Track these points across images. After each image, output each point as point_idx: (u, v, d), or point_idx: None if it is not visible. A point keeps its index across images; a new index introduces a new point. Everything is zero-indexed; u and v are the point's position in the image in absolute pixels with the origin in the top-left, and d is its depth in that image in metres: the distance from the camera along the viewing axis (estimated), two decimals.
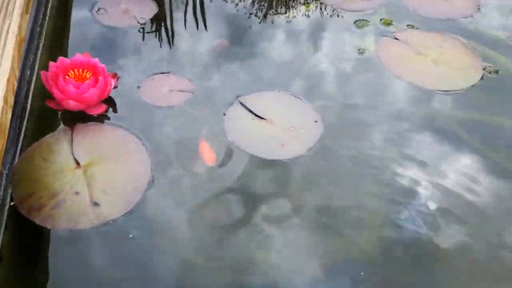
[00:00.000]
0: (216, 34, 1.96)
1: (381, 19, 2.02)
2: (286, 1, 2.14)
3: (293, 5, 2.11)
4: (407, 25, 2.00)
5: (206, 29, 1.98)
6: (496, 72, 1.80)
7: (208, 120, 1.62)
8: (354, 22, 2.01)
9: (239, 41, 1.94)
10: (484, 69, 1.81)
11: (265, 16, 2.06)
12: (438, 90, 1.74)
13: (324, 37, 1.95)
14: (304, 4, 2.11)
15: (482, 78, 1.78)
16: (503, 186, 1.49)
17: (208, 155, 1.49)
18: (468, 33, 1.96)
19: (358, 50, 1.89)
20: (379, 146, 1.58)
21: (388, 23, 2.00)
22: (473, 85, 1.75)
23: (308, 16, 2.05)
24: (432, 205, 1.43)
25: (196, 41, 1.93)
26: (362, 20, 2.01)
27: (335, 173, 1.51)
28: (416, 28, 1.98)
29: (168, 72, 1.76)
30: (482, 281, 1.30)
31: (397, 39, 1.93)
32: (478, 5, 2.09)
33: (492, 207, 1.43)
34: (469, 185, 1.48)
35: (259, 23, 2.01)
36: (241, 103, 1.67)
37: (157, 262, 1.29)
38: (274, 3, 2.12)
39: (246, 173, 1.48)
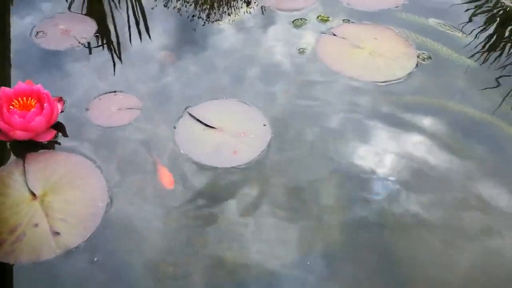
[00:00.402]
0: (161, 45, 1.98)
1: (317, 16, 2.09)
2: (225, 5, 2.18)
3: (232, 8, 2.16)
4: (343, 20, 2.07)
5: (150, 40, 1.99)
6: (430, 58, 1.90)
7: (160, 135, 1.65)
8: (292, 22, 2.07)
9: (183, 50, 1.97)
10: (418, 56, 1.90)
11: (207, 21, 2.09)
12: (378, 82, 1.82)
13: (264, 39, 2.00)
14: (242, 7, 2.16)
15: (417, 65, 1.87)
16: (448, 161, 1.59)
17: (166, 179, 1.52)
18: (400, 22, 2.06)
19: (299, 50, 1.95)
20: (330, 138, 1.65)
21: (325, 20, 2.08)
22: (409, 73, 1.84)
23: (247, 19, 2.10)
24: (388, 182, 1.53)
25: (141, 55, 1.94)
26: (300, 19, 2.08)
27: (290, 173, 1.57)
28: (352, 22, 2.06)
29: (115, 91, 1.77)
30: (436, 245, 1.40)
31: (335, 35, 2.00)
32: None
33: (441, 179, 1.54)
34: (420, 161, 1.58)
35: (202, 28, 2.04)
36: (190, 115, 1.71)
37: (125, 282, 1.32)
38: (214, 8, 2.16)
39: (203, 185, 1.52)
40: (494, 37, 2.02)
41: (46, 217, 1.39)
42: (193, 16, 2.11)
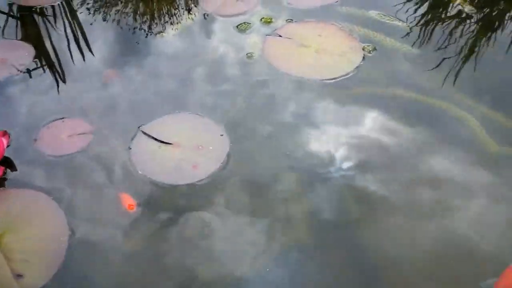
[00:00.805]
0: (105, 62, 1.93)
1: (261, 19, 2.09)
2: (166, 15, 2.14)
3: (174, 18, 2.12)
4: (286, 20, 2.08)
5: (94, 57, 1.94)
6: (375, 49, 1.94)
7: (115, 158, 1.61)
8: (237, 27, 2.06)
9: (129, 66, 1.92)
10: (363, 49, 1.93)
11: (149, 32, 2.05)
12: (327, 79, 1.84)
13: (211, 47, 1.99)
14: (183, 16, 2.13)
15: (363, 58, 1.90)
16: (398, 142, 1.63)
17: (127, 202, 1.48)
18: (342, 17, 2.08)
19: (247, 54, 1.94)
20: (288, 137, 1.65)
21: (269, 22, 2.08)
22: (357, 67, 1.87)
23: (191, 28, 2.08)
24: (349, 163, 1.57)
25: (85, 75, 1.89)
26: (244, 23, 2.07)
27: (253, 177, 1.56)
28: (295, 21, 2.07)
29: (62, 118, 1.71)
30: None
31: (280, 36, 2.01)
32: None
33: (394, 157, 1.59)
34: (374, 145, 1.63)
35: (145, 40, 2.01)
36: (144, 133, 1.67)
37: None
38: (155, 18, 2.12)
39: (165, 204, 1.50)
40: (432, 22, 2.07)
41: (6, 260, 1.32)
42: (134, 28, 2.07)
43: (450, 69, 1.87)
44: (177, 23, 2.10)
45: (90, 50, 1.98)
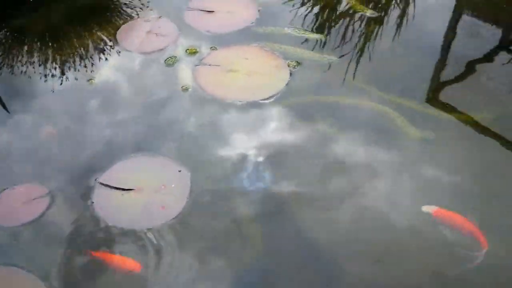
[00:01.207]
0: (37, 121, 1.89)
1: (186, 50, 2.15)
2: (90, 59, 2.13)
3: (95, 60, 2.12)
4: (211, 48, 2.17)
5: (23, 116, 1.89)
6: (298, 64, 2.08)
7: (80, 216, 1.59)
8: (164, 62, 2.11)
9: (65, 117, 1.90)
10: (288, 65, 2.07)
11: (76, 79, 2.04)
12: (262, 99, 1.95)
13: (144, 86, 2.02)
14: (108, 58, 2.13)
15: (290, 74, 2.04)
16: (336, 143, 1.80)
17: (130, 265, 1.48)
18: (261, 37, 2.21)
19: (182, 87, 2.00)
20: (240, 159, 1.75)
21: (194, 52, 2.15)
22: (287, 84, 2.00)
23: (117, 70, 2.09)
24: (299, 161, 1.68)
25: (23, 138, 1.83)
26: (170, 57, 2.12)
27: (220, 200, 1.64)
28: (219, 48, 2.16)
29: (14, 185, 1.66)
30: None
31: (209, 65, 2.09)
32: (258, 9, 2.35)
33: (332, 161, 1.74)
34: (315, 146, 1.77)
35: (72, 88, 2.00)
36: (102, 184, 1.67)
37: None
38: (75, 63, 2.10)
39: (149, 252, 1.52)
40: (343, 31, 2.26)
41: None
42: (52, 76, 2.04)
43: (365, 69, 2.07)
44: (102, 66, 2.10)
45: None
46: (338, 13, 2.36)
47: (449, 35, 2.23)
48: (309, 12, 2.35)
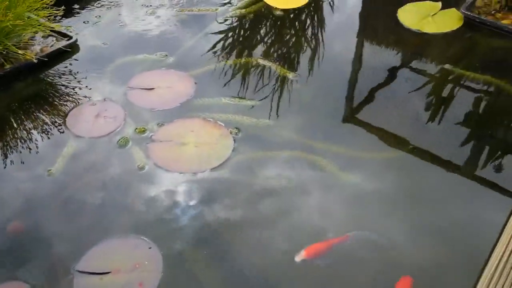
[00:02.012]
0: (3, 215, 1.98)
1: (135, 129, 2.33)
2: (44, 145, 2.24)
3: (53, 149, 2.24)
4: (158, 124, 2.35)
5: None
6: (239, 130, 2.32)
7: None
8: (117, 143, 2.26)
9: (27, 211, 2.00)
10: (231, 133, 2.31)
11: (32, 171, 2.14)
12: (213, 168, 2.16)
13: (103, 171, 2.16)
14: (59, 145, 2.25)
15: (234, 141, 2.27)
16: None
17: None
18: (202, 108, 2.43)
19: (138, 166, 2.17)
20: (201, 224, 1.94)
21: (143, 130, 2.33)
22: (233, 149, 2.23)
23: (74, 156, 2.22)
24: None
25: None
26: (121, 138, 2.28)
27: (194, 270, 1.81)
28: (166, 124, 2.36)
29: None
30: None
31: (160, 141, 2.27)
32: (195, 82, 2.58)
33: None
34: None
35: (37, 180, 2.10)
36: (80, 272, 1.79)
37: None
38: (30, 152, 2.21)
39: None
40: (274, 96, 2.54)
41: None
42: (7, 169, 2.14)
43: (298, 127, 2.35)
44: (58, 155, 2.21)
45: None
46: (271, 82, 2.63)
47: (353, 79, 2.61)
48: (241, 81, 2.61)
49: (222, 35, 2.97)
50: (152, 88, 2.56)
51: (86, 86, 2.57)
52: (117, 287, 1.76)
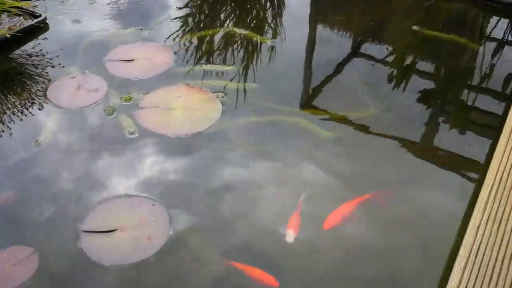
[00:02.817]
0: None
1: (120, 98, 2.31)
2: (29, 118, 2.18)
3: (38, 121, 2.18)
4: (143, 93, 2.35)
5: None
6: (225, 94, 2.36)
7: (75, 264, 1.68)
8: (104, 112, 2.24)
9: (21, 180, 1.95)
10: (217, 97, 2.34)
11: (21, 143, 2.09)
12: (206, 128, 2.18)
13: (94, 139, 2.13)
14: (44, 117, 2.20)
15: (222, 104, 2.30)
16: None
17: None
18: (185, 76, 2.45)
19: (128, 132, 2.15)
20: (201, 185, 1.96)
21: (129, 99, 2.31)
22: (222, 112, 2.26)
23: (61, 127, 2.18)
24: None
25: None
26: (108, 107, 2.26)
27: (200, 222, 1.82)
28: (151, 91, 2.35)
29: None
30: None
31: (148, 107, 2.27)
32: (174, 52, 2.60)
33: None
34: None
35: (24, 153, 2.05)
36: (85, 231, 1.77)
37: None
38: (15, 124, 2.15)
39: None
40: (251, 62, 2.60)
41: None
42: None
43: (279, 91, 2.42)
44: (44, 126, 2.17)
45: None
46: (244, 45, 2.69)
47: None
48: (219, 49, 2.65)
49: (195, 7, 3.00)
50: (132, 60, 2.54)
51: (60, 64, 2.52)
52: (125, 242, 1.75)
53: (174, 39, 2.71)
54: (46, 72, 2.48)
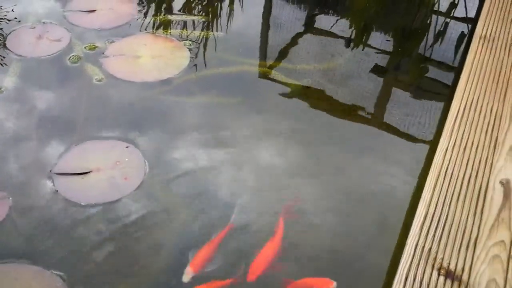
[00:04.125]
0: None
1: (85, 47, 2.25)
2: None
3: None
4: (107, 41, 2.30)
5: None
6: (193, 42, 2.34)
7: (50, 208, 1.65)
8: (68, 60, 2.18)
9: None
10: (185, 45, 2.32)
11: None
12: (175, 75, 2.17)
13: (60, 86, 2.08)
14: (5, 66, 2.13)
15: (190, 51, 2.29)
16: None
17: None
18: (150, 26, 2.41)
19: (96, 79, 2.11)
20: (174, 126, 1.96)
21: (93, 47, 2.26)
22: (191, 58, 2.25)
23: (24, 75, 2.10)
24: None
25: None
26: (72, 56, 2.20)
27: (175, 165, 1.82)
28: (115, 40, 2.30)
29: None
30: None
31: (113, 56, 2.22)
32: (138, 3, 2.54)
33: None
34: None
35: None
36: (58, 174, 1.74)
37: None
38: None
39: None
40: (221, 11, 2.58)
41: None
42: None
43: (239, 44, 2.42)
44: (6, 75, 2.09)
45: None
46: None
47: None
48: None
49: None
50: (94, 10, 2.47)
51: (15, 18, 2.40)
52: (100, 183, 1.73)
53: None
54: (1, 28, 2.37)
